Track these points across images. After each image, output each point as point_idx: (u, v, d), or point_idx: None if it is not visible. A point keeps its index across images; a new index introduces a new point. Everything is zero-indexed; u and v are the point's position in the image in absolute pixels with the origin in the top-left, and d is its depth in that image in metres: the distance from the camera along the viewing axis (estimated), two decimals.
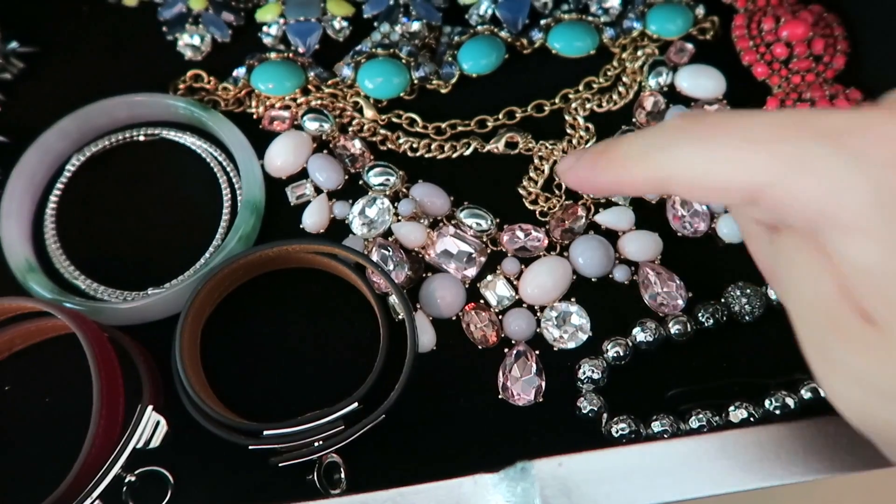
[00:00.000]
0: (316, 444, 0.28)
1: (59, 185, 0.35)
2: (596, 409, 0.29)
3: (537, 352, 0.31)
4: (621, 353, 0.31)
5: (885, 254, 0.17)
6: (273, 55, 0.38)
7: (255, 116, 0.37)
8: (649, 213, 0.34)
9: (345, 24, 0.39)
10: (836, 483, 0.23)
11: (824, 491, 0.25)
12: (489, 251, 0.34)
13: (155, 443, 0.28)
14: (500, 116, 0.37)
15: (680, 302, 0.32)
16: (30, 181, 0.35)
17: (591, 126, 0.36)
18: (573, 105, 0.37)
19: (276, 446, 0.28)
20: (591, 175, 0.23)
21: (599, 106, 0.37)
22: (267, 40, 0.39)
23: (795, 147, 0.18)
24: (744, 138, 0.19)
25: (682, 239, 0.34)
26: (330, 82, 0.37)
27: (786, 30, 0.36)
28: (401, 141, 0.36)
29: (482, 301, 0.33)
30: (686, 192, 0.21)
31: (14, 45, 0.38)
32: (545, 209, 0.34)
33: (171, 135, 0.37)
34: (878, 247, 0.17)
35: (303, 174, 0.36)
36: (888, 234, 0.17)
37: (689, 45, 0.38)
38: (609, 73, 0.38)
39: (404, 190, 0.35)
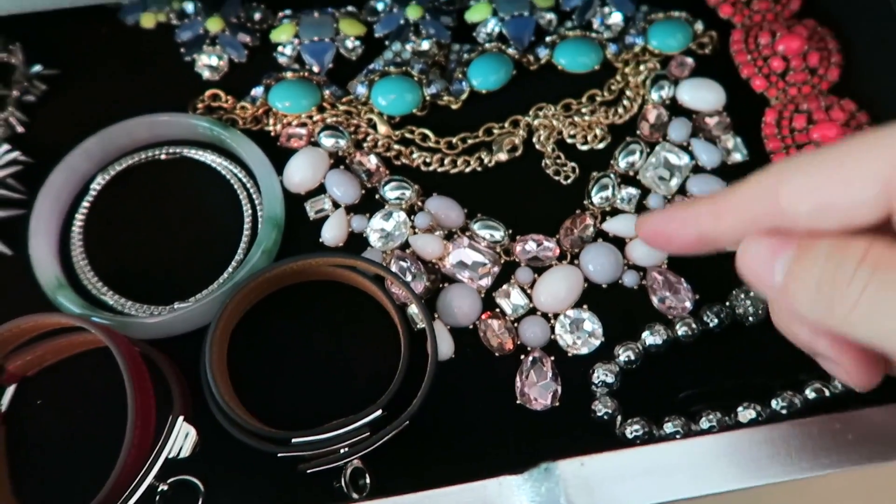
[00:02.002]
0: (342, 450, 0.29)
1: (84, 204, 0.36)
2: (610, 411, 0.31)
3: (552, 358, 0.32)
4: (633, 357, 0.32)
5: None
6: (289, 74, 0.39)
7: (272, 134, 0.38)
8: None
9: (357, 43, 0.40)
10: (844, 478, 0.24)
11: (832, 486, 0.26)
12: (503, 261, 0.35)
13: (186, 452, 0.29)
14: (507, 125, 0.38)
15: (688, 304, 0.33)
16: (56, 200, 0.36)
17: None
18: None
19: (304, 453, 0.29)
20: (680, 223, 0.22)
21: (605, 118, 0.39)
22: (282, 60, 0.40)
23: None
24: (849, 151, 0.19)
25: None
26: (344, 100, 0.39)
27: (782, 44, 0.38)
28: (414, 156, 0.38)
29: (497, 310, 0.34)
30: (808, 219, 0.20)
31: (38, 68, 0.39)
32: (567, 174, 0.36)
33: (192, 153, 0.38)
34: None
35: (321, 189, 0.37)
36: None
37: (690, 60, 0.39)
38: (613, 88, 0.39)
39: (419, 203, 0.36)
